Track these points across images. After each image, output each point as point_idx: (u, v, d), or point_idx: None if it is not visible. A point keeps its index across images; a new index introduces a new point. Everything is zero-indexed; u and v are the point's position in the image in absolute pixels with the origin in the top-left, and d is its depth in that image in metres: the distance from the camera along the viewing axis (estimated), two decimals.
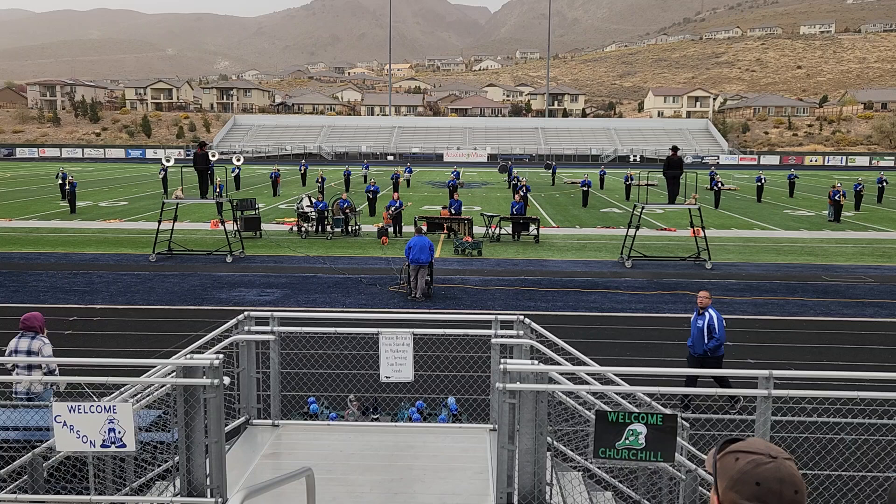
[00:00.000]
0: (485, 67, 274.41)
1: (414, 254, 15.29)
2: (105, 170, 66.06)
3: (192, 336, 11.39)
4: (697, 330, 9.55)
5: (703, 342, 9.44)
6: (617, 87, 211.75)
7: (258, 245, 22.68)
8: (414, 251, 15.31)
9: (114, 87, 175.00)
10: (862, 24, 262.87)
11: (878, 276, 18.60)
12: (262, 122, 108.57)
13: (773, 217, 31.93)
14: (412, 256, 15.32)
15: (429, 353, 9.92)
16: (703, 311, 9.61)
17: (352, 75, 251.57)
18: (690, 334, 9.77)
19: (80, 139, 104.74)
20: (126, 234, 24.72)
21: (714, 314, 9.52)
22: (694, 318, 9.76)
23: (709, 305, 9.63)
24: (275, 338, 7.09)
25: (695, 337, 9.60)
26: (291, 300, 15.31)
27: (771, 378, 5.31)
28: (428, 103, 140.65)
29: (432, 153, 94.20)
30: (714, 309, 9.62)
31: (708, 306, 9.61)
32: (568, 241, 24.31)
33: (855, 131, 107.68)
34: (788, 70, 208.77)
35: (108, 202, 35.80)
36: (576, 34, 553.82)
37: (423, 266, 15.35)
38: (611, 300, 15.64)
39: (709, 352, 9.44)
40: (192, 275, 17.91)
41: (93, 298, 15.28)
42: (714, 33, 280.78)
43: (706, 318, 9.51)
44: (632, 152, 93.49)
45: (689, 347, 9.81)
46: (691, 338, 9.72)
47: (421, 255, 15.28)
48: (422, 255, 15.28)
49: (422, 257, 15.28)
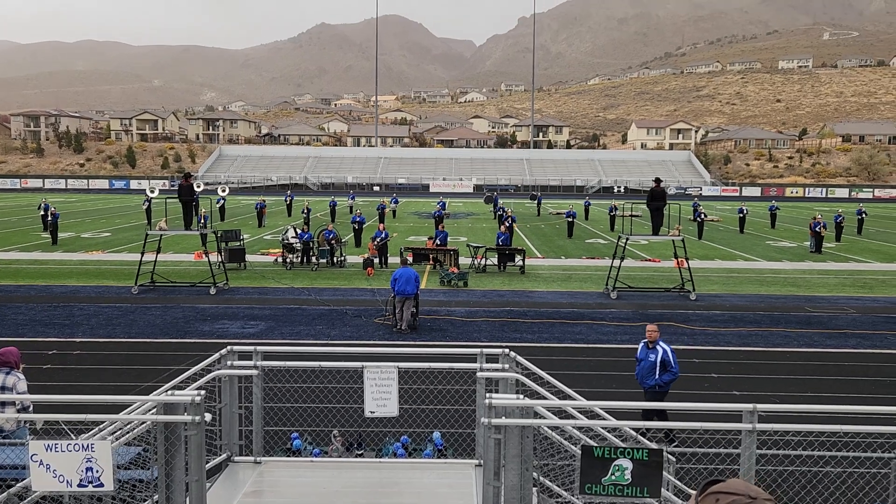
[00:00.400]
0: (470, 99, 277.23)
1: (400, 285, 15.25)
2: (88, 201, 65.70)
3: (174, 370, 11.25)
4: (649, 363, 9.37)
5: (654, 376, 9.28)
6: (601, 119, 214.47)
7: (242, 276, 22.54)
8: (400, 283, 15.28)
9: (99, 117, 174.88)
10: (838, 59, 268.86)
11: (860, 306, 18.76)
12: (247, 153, 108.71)
13: (755, 248, 32.22)
14: (398, 288, 15.28)
15: (414, 386, 9.84)
16: (653, 344, 9.42)
17: (338, 107, 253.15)
18: (637, 367, 9.56)
19: (64, 170, 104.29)
20: (108, 266, 24.50)
21: (667, 348, 9.38)
22: (643, 351, 9.54)
23: (658, 339, 9.47)
24: (258, 372, 7.01)
25: (644, 370, 9.41)
26: (275, 332, 15.18)
27: (755, 412, 5.31)
28: (414, 134, 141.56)
29: (418, 184, 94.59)
30: (664, 342, 9.48)
31: (657, 339, 9.45)
32: (553, 272, 24.37)
33: (834, 163, 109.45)
34: (768, 103, 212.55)
35: (91, 233, 35.54)
36: (560, 67, 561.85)
37: (408, 298, 15.30)
38: (596, 332, 15.64)
39: (658, 386, 9.28)
40: (175, 307, 17.75)
41: (73, 332, 15.07)
42: (694, 67, 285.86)
43: (659, 352, 9.34)
44: (616, 183, 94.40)
45: (638, 380, 9.61)
46: (639, 370, 9.51)
47: (407, 287, 15.25)
48: (408, 287, 15.25)
49: (408, 289, 15.25)
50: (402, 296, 15.26)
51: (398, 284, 15.28)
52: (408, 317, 15.34)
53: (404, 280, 15.28)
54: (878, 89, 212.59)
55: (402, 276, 15.35)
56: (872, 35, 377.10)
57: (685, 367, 12.91)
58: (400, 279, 15.31)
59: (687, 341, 14.83)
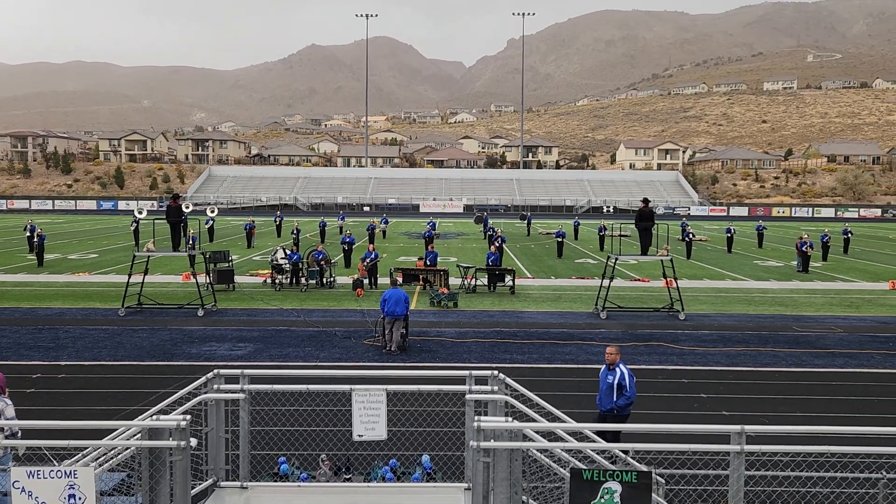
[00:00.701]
0: (460, 120, 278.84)
1: (389, 306, 15.21)
2: (76, 222, 65.37)
3: (161, 393, 11.15)
4: (607, 385, 9.11)
5: (612, 399, 9.01)
6: (589, 139, 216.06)
7: (231, 298, 22.43)
8: (389, 303, 15.24)
9: (87, 138, 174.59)
10: (822, 80, 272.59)
11: (847, 325, 18.86)
12: (237, 174, 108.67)
13: (743, 267, 32.40)
14: (387, 309, 15.23)
15: (403, 408, 9.79)
16: (612, 366, 9.18)
17: (328, 127, 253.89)
18: (599, 389, 9.32)
19: (51, 191, 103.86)
20: (95, 288, 24.32)
21: (625, 370, 9.12)
22: (604, 372, 9.33)
23: (618, 361, 9.22)
24: (245, 396, 6.95)
25: (603, 392, 9.16)
26: (264, 354, 15.08)
27: (743, 433, 5.31)
28: (404, 155, 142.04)
29: (408, 204, 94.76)
30: (625, 364, 9.26)
31: (617, 362, 9.19)
32: (543, 292, 24.39)
33: (820, 183, 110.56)
34: (754, 124, 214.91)
35: (78, 255, 35.31)
36: (549, 88, 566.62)
37: (398, 319, 15.26)
38: (586, 352, 15.63)
39: (616, 409, 9.03)
40: (162, 329, 17.62)
41: (58, 354, 14.92)
42: (681, 89, 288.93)
43: (616, 374, 9.08)
44: (605, 203, 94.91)
45: (598, 403, 9.37)
46: (599, 393, 9.29)
47: (396, 308, 15.21)
48: (397, 308, 15.21)
49: (397, 310, 15.21)
50: (391, 317, 15.22)
51: (388, 305, 15.23)
52: (397, 338, 15.28)
53: (394, 301, 15.24)
54: (862, 110, 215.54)
55: (391, 297, 15.32)
56: (855, 57, 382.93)
57: (674, 388, 12.93)
58: (389, 300, 15.27)
59: (676, 361, 14.85)
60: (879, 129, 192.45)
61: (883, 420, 11.18)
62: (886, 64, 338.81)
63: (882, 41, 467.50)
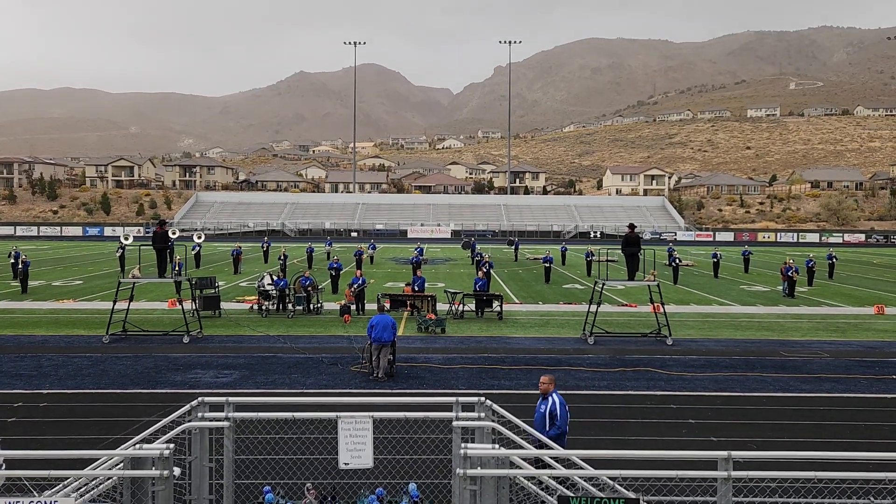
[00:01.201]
0: (448, 146, 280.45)
1: (377, 332, 15.14)
2: (61, 248, 64.90)
3: (144, 422, 11.00)
4: (540, 415, 8.76)
5: (545, 428, 8.59)
6: (576, 165, 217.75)
7: (217, 324, 22.26)
8: (377, 329, 15.17)
9: (74, 164, 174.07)
10: (805, 108, 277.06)
11: (834, 350, 18.94)
12: (224, 199, 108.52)
13: (730, 292, 32.55)
14: (375, 335, 15.16)
15: (389, 435, 9.70)
16: (545, 395, 8.84)
17: (316, 153, 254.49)
18: (534, 420, 8.88)
19: (37, 217, 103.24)
20: (79, 315, 24.08)
21: (557, 399, 8.78)
22: (539, 402, 8.99)
23: (551, 390, 8.88)
24: (229, 424, 6.87)
25: (536, 423, 8.73)
26: (249, 382, 14.94)
27: (730, 459, 5.30)
28: (392, 180, 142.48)
29: (396, 230, 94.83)
30: (558, 394, 8.93)
31: (550, 391, 8.86)
32: (531, 318, 24.38)
33: (804, 209, 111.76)
34: (738, 150, 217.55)
35: (63, 281, 35.01)
36: (535, 115, 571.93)
37: (385, 345, 15.18)
38: (574, 378, 15.59)
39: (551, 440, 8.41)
40: (147, 356, 17.43)
41: (40, 383, 14.71)
42: (666, 115, 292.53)
43: (548, 403, 8.75)
44: (592, 228, 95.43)
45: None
46: (534, 423, 8.79)
47: (384, 334, 15.14)
48: (384, 334, 15.14)
49: (384, 336, 15.14)
50: (378, 343, 15.14)
51: (375, 331, 15.16)
52: (384, 364, 15.19)
53: (381, 327, 15.18)
54: (844, 137, 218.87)
55: (378, 323, 15.25)
56: (836, 85, 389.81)
57: (662, 414, 12.90)
58: (376, 326, 15.21)
59: (664, 387, 14.84)
60: (861, 155, 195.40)
61: (871, 445, 11.19)
62: (867, 91, 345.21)
63: (862, 69, 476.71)
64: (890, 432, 11.93)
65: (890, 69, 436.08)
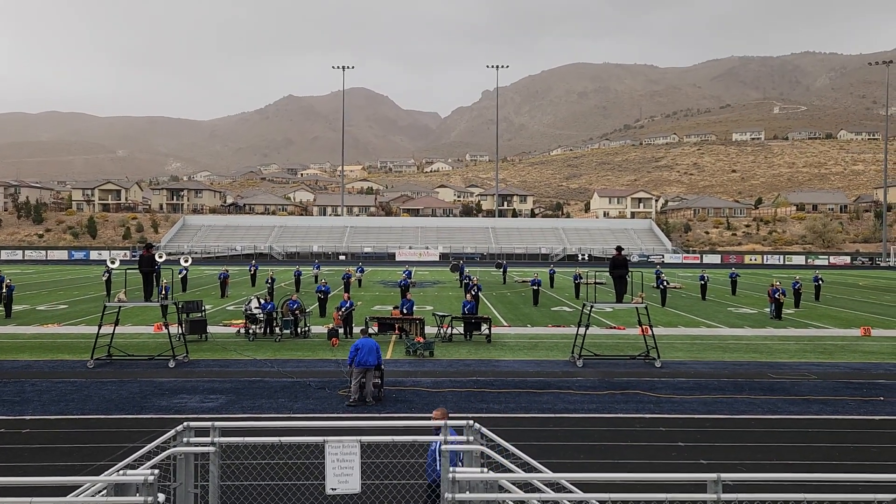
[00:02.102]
0: (436, 169, 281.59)
1: (362, 356, 15.02)
2: (46, 272, 64.34)
3: (128, 448, 10.85)
4: (430, 453, 8.06)
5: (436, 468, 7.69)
6: (563, 188, 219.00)
7: (203, 349, 22.07)
8: (362, 353, 15.05)
9: (60, 188, 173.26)
10: (788, 132, 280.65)
11: (821, 372, 19.00)
12: (212, 223, 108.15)
13: (717, 315, 32.67)
14: (359, 359, 15.03)
15: (377, 460, 9.61)
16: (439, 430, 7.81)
17: (304, 176, 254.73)
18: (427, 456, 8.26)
19: (22, 241, 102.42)
20: (64, 339, 23.81)
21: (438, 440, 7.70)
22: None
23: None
24: (215, 449, 6.79)
25: (428, 461, 8.14)
26: (236, 406, 14.78)
27: (719, 481, 5.28)
28: (380, 203, 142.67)
29: (384, 253, 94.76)
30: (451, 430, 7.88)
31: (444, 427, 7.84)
32: (519, 341, 24.33)
33: (790, 231, 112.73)
34: (724, 173, 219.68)
35: (47, 306, 34.65)
36: (523, 138, 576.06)
37: (370, 369, 15.07)
38: (563, 401, 15.54)
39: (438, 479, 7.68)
40: (132, 381, 17.23)
41: (23, 409, 14.49)
42: (653, 139, 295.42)
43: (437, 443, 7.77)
44: (580, 251, 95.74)
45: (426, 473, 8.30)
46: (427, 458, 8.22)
47: (369, 358, 15.04)
48: (369, 358, 15.04)
49: (369, 359, 15.04)
50: (363, 367, 15.02)
51: (360, 355, 15.04)
52: (371, 388, 15.09)
53: (366, 350, 15.08)
54: (828, 160, 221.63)
55: (363, 347, 15.15)
56: (819, 109, 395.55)
57: (651, 437, 12.86)
58: (361, 349, 15.10)
59: (653, 409, 14.81)
60: (845, 178, 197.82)
61: (859, 467, 11.20)
62: (849, 116, 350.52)
63: (844, 94, 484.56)
64: (878, 454, 11.95)
65: (872, 94, 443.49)
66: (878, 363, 20.57)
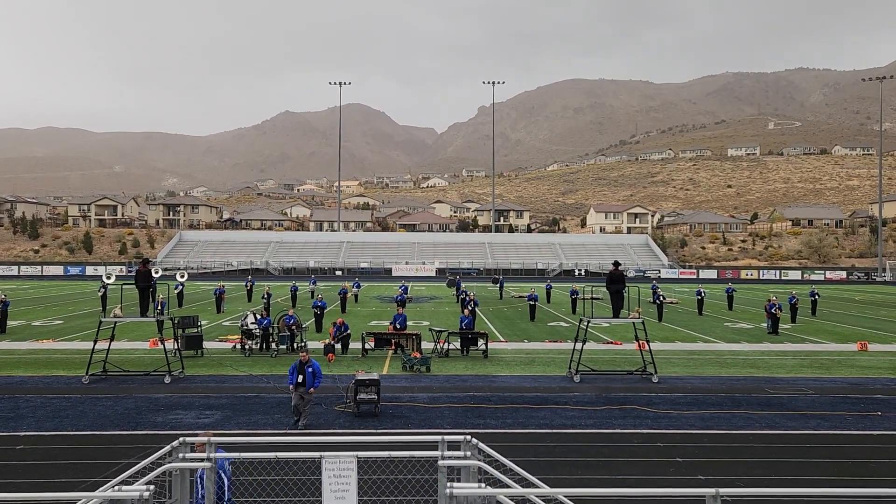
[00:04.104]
0: (432, 185, 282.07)
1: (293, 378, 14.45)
2: (41, 287, 64.12)
3: (124, 464, 10.78)
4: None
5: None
6: (560, 203, 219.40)
7: (199, 364, 21.98)
8: (293, 375, 14.50)
9: (57, 203, 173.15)
10: (783, 147, 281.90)
11: (819, 387, 18.99)
12: (208, 238, 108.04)
13: (714, 330, 32.66)
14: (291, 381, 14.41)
15: (374, 476, 9.56)
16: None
17: (301, 192, 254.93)
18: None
19: (17, 256, 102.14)
20: (59, 355, 23.70)
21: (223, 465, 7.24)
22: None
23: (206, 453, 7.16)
24: (210, 465, 6.75)
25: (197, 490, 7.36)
26: (232, 422, 14.70)
27: (718, 496, 5.26)
28: (377, 219, 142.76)
29: (381, 268, 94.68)
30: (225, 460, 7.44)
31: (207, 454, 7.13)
32: (516, 356, 24.28)
33: (786, 246, 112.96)
34: (720, 189, 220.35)
35: (42, 321, 34.51)
36: (519, 154, 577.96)
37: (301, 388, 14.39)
38: (560, 416, 15.49)
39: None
40: (127, 397, 17.14)
41: (17, 425, 14.40)
42: (648, 154, 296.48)
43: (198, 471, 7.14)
44: (576, 266, 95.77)
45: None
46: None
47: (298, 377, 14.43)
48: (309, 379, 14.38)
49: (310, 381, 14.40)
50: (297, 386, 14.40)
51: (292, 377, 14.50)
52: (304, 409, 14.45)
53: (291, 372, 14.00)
54: (823, 175, 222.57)
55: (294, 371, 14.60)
56: (814, 125, 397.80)
57: (649, 452, 12.82)
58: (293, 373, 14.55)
59: (651, 425, 14.77)
60: (840, 193, 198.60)
61: (857, 482, 11.17)
62: (843, 131, 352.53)
63: (838, 110, 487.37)
64: (876, 469, 11.92)
65: (865, 110, 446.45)
66: (876, 378, 20.57)
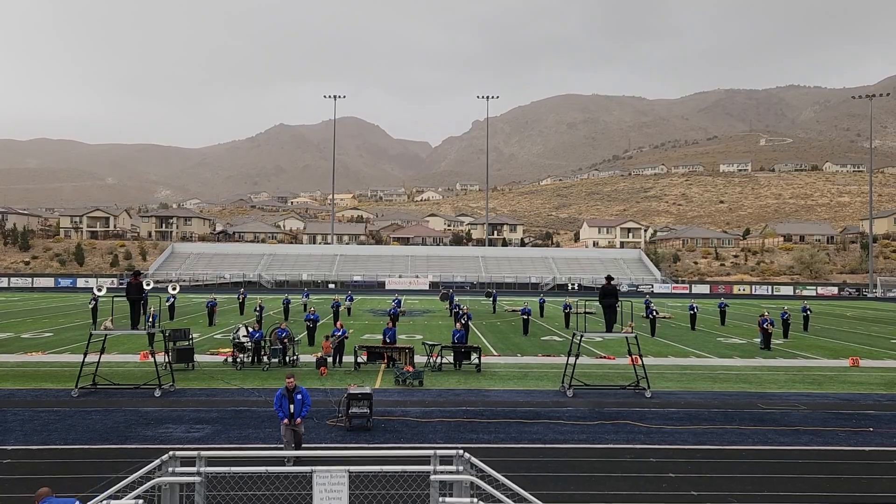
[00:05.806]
0: (426, 198, 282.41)
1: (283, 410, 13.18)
2: (31, 299, 63.72)
3: (112, 478, 10.66)
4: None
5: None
6: (553, 217, 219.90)
7: (190, 377, 21.83)
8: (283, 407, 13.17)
9: (48, 215, 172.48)
10: (775, 163, 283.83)
11: (811, 403, 19.00)
12: (201, 251, 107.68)
13: (707, 345, 32.69)
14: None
15: (366, 491, 9.48)
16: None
17: (295, 204, 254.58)
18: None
19: (8, 268, 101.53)
20: (48, 368, 23.50)
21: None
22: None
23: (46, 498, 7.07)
24: (200, 479, 6.68)
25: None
26: (222, 436, 14.59)
27: None
28: (370, 232, 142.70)
29: (374, 281, 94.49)
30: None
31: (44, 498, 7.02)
32: (509, 370, 24.22)
33: (778, 262, 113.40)
34: (712, 204, 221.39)
35: (32, 333, 34.25)
36: (513, 168, 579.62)
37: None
38: (553, 431, 15.44)
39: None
40: (117, 410, 16.99)
41: (4, 439, 14.24)
42: (641, 170, 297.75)
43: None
44: (569, 280, 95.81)
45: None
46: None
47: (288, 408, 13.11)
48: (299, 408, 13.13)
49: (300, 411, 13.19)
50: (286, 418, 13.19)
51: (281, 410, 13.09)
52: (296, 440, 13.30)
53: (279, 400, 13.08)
54: (814, 192, 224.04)
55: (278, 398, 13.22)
56: (805, 142, 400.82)
57: (642, 467, 12.77)
58: (279, 399, 13.13)
59: (643, 440, 14.73)
60: (832, 209, 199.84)
61: (849, 498, 11.15)
62: (834, 148, 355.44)
63: (829, 127, 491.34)
64: (868, 485, 11.91)
65: (856, 127, 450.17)
66: (868, 394, 20.60)
